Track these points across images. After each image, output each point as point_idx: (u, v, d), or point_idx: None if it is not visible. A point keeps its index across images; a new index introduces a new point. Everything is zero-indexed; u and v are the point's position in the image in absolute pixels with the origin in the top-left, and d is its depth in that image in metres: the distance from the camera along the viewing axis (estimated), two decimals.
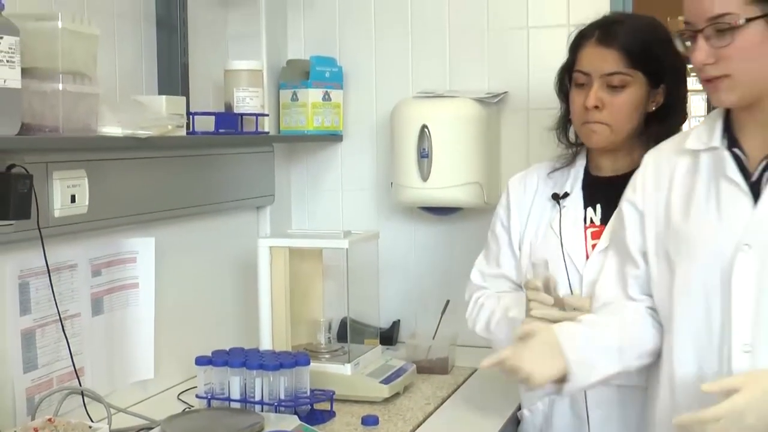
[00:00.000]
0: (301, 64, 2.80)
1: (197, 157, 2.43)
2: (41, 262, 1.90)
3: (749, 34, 1.57)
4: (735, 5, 1.57)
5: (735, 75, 1.61)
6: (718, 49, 1.60)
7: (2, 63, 1.61)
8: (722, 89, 1.63)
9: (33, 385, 1.93)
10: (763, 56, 1.60)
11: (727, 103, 1.67)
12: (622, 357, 1.78)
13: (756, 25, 1.57)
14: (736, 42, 1.58)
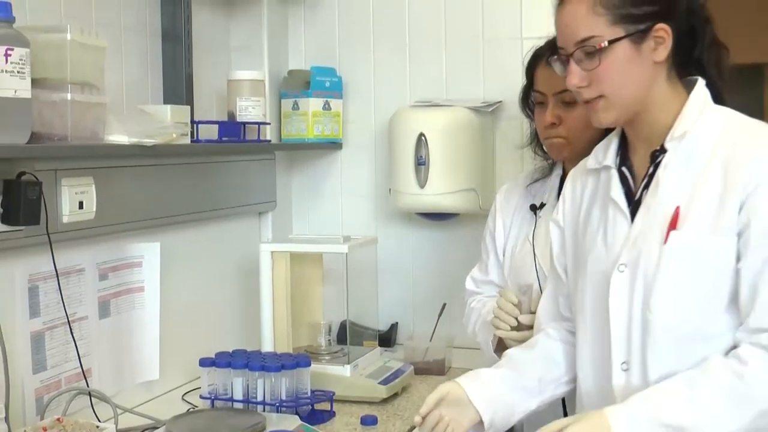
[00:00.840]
0: (301, 74, 2.82)
1: (201, 165, 2.45)
2: (50, 267, 1.92)
3: (616, 55, 1.57)
4: (599, 28, 1.57)
5: (608, 95, 1.60)
6: (590, 72, 1.59)
7: (13, 74, 1.63)
8: (599, 109, 1.62)
9: (42, 386, 1.94)
10: (633, 75, 1.59)
11: (605, 122, 1.65)
12: (543, 390, 1.77)
13: (621, 45, 1.57)
14: (604, 63, 1.58)
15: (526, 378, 1.76)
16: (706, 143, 1.59)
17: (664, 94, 1.63)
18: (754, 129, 1.61)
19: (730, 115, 1.64)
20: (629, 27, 1.57)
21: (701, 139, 1.59)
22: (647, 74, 1.60)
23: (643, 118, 1.64)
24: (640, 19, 1.57)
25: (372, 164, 2.89)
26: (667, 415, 1.47)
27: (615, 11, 1.57)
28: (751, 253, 1.49)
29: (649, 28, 1.58)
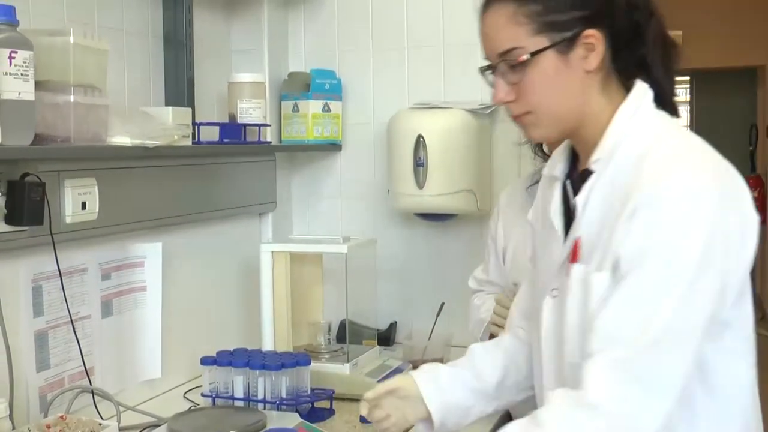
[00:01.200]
0: (301, 77, 2.83)
1: (202, 166, 2.46)
2: (53, 267, 1.93)
3: (541, 67, 1.42)
4: (521, 38, 1.42)
5: (536, 110, 1.46)
6: (516, 85, 1.44)
7: (17, 76, 1.63)
8: (528, 125, 1.49)
9: (46, 384, 1.95)
10: (561, 87, 1.44)
11: (537, 138, 1.55)
12: (500, 396, 1.71)
13: (546, 56, 1.42)
14: (528, 76, 1.43)
15: (484, 381, 1.70)
16: (625, 169, 1.42)
17: (599, 107, 1.47)
18: (664, 156, 1.40)
19: (659, 131, 1.46)
20: (554, 36, 1.42)
21: (624, 161, 1.43)
22: (578, 86, 1.45)
23: (580, 133, 1.50)
24: (567, 26, 1.42)
25: (371, 165, 2.90)
26: None
27: (537, 19, 1.42)
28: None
29: (577, 36, 1.42)
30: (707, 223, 1.33)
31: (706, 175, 1.37)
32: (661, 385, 1.32)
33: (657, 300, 1.32)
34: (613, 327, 1.34)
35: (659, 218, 1.33)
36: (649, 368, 1.31)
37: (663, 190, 1.34)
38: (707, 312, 1.34)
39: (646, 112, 1.47)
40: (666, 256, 1.32)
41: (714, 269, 1.33)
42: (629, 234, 1.35)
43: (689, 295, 1.32)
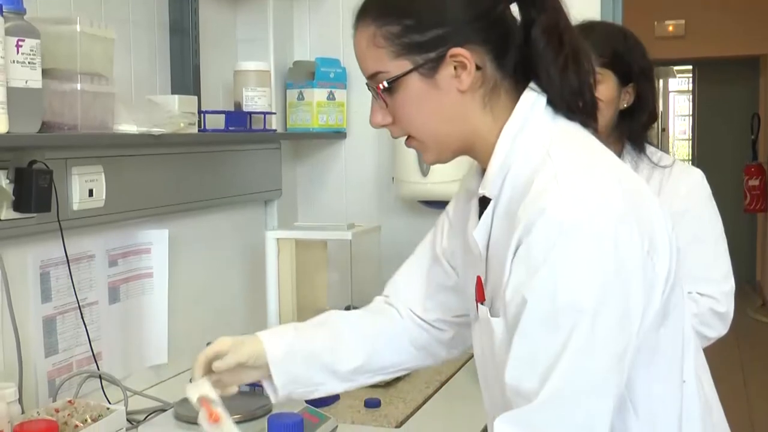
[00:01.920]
0: (306, 65, 2.84)
1: (208, 154, 2.47)
2: (61, 253, 1.94)
3: (408, 91, 1.32)
4: (384, 62, 1.32)
5: (415, 134, 1.36)
6: (390, 108, 1.35)
7: (24, 64, 1.64)
8: (418, 149, 1.39)
9: (54, 369, 1.96)
10: (434, 111, 1.33)
11: (431, 162, 1.41)
12: (355, 379, 1.59)
13: (411, 80, 1.31)
14: (397, 101, 1.33)
15: (341, 365, 1.56)
16: (516, 193, 1.28)
17: (485, 126, 1.34)
18: (544, 182, 1.24)
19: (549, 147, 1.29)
20: (416, 58, 1.30)
21: (514, 188, 1.30)
22: (454, 108, 1.33)
23: (475, 154, 1.39)
24: (429, 46, 1.30)
25: (375, 153, 2.92)
26: None
27: (396, 41, 1.31)
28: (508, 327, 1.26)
29: (443, 55, 1.30)
30: (587, 258, 1.19)
31: (583, 202, 1.21)
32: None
33: (551, 353, 1.19)
34: (514, 381, 1.23)
35: (532, 259, 1.20)
36: (552, 424, 1.21)
37: (536, 225, 1.20)
38: (612, 352, 1.21)
39: (536, 126, 1.33)
40: (545, 307, 1.20)
41: (610, 306, 1.20)
42: (510, 277, 1.24)
43: (584, 344, 1.19)
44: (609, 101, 2.04)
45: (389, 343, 1.61)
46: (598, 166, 1.29)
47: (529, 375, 1.21)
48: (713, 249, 2.06)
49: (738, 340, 6.15)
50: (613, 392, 1.22)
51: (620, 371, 1.23)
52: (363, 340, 1.60)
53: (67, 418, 1.72)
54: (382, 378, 1.63)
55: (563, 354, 1.19)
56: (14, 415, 1.68)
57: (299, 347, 1.55)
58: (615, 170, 1.30)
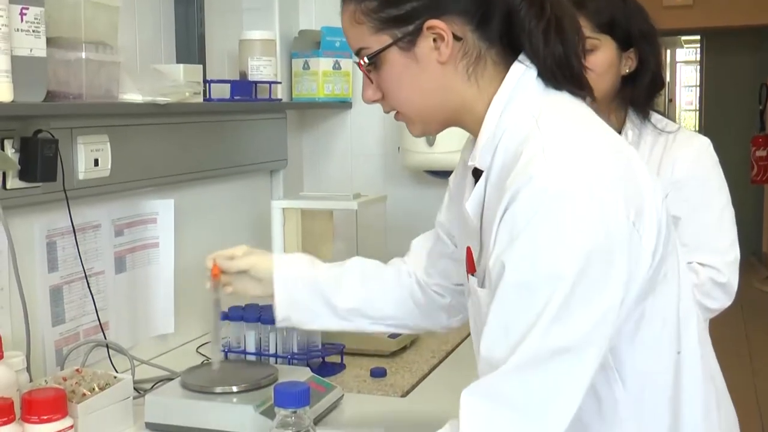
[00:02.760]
0: (312, 35, 2.84)
1: (214, 123, 2.46)
2: (67, 223, 1.94)
3: (389, 66, 1.33)
4: (366, 38, 1.34)
5: (401, 108, 1.38)
6: (375, 84, 1.37)
7: (28, 32, 1.64)
8: (404, 122, 1.42)
9: (61, 338, 1.97)
10: (415, 84, 1.34)
11: (418, 134, 1.43)
12: (353, 321, 1.67)
13: (391, 54, 1.32)
14: (381, 76, 1.35)
15: (345, 302, 1.65)
16: (506, 164, 1.28)
17: (471, 97, 1.34)
18: (532, 151, 1.23)
19: (538, 117, 1.28)
20: (395, 32, 1.31)
21: (504, 158, 1.29)
22: (435, 81, 1.33)
23: (464, 126, 1.39)
24: (406, 19, 1.31)
25: (381, 123, 2.91)
26: None
27: (374, 16, 1.32)
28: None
29: (420, 28, 1.30)
30: (570, 227, 1.17)
31: (571, 171, 1.20)
32: (536, 408, 1.19)
33: (524, 321, 1.18)
34: (486, 351, 1.22)
35: (515, 227, 1.19)
36: (518, 392, 1.19)
37: (521, 194, 1.19)
38: (591, 319, 1.19)
39: (527, 95, 1.32)
40: (524, 274, 1.18)
41: (592, 274, 1.18)
42: (494, 246, 1.23)
43: (559, 311, 1.17)
44: (609, 67, 2.03)
45: (390, 292, 1.67)
46: (587, 136, 1.28)
47: (501, 344, 1.19)
48: (718, 217, 2.04)
49: (743, 311, 6.16)
50: (588, 362, 1.20)
51: (598, 341, 1.20)
52: (365, 282, 1.67)
53: (75, 387, 1.73)
54: (381, 328, 1.70)
55: (537, 322, 1.17)
56: (22, 383, 1.69)
57: (306, 275, 1.66)
58: (604, 140, 1.30)
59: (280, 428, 1.40)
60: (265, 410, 1.69)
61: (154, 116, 2.16)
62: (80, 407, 1.65)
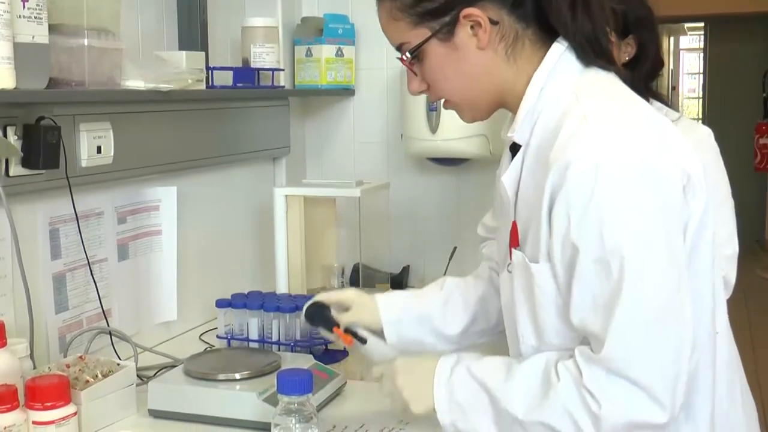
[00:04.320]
0: (314, 22, 2.83)
1: (216, 110, 2.46)
2: (70, 210, 1.94)
3: (431, 58, 1.38)
4: (405, 34, 1.39)
5: (448, 97, 1.43)
6: (420, 76, 1.42)
7: (30, 19, 1.63)
8: (455, 110, 1.46)
9: (64, 325, 1.97)
10: (458, 73, 1.38)
11: (469, 120, 1.48)
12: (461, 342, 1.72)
13: (431, 46, 1.37)
14: (424, 67, 1.40)
15: (449, 328, 1.72)
16: (547, 138, 1.32)
17: (511, 78, 1.39)
18: (575, 125, 1.28)
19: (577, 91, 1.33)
20: (433, 24, 1.36)
21: (544, 133, 1.33)
22: (476, 65, 1.38)
23: (506, 106, 1.44)
24: (442, 11, 1.36)
25: (384, 110, 2.91)
26: (480, 373, 1.38)
27: (411, 12, 1.37)
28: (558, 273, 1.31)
29: (456, 18, 1.35)
30: (626, 200, 1.23)
31: (612, 142, 1.25)
32: (649, 374, 1.25)
33: (607, 296, 1.24)
34: (581, 324, 1.29)
35: (573, 206, 1.24)
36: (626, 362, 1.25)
37: (570, 170, 1.24)
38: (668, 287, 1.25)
39: (567, 73, 1.36)
40: (596, 245, 1.24)
41: (656, 244, 1.24)
42: (553, 226, 1.28)
43: (640, 280, 1.23)
44: None
45: (490, 304, 1.71)
46: (629, 108, 1.33)
47: (593, 318, 1.26)
48: (717, 210, 2.02)
49: (746, 299, 6.15)
50: (683, 322, 1.26)
51: (680, 304, 1.26)
52: (467, 305, 1.73)
53: (78, 374, 1.73)
54: (487, 339, 1.74)
55: (620, 295, 1.23)
56: (26, 370, 1.69)
57: (412, 312, 1.71)
58: (643, 112, 1.34)
59: (283, 415, 1.40)
60: (268, 397, 1.69)
61: (157, 103, 2.16)
62: (83, 394, 1.66)
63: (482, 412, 1.36)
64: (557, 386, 1.30)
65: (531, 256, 1.35)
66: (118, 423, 1.74)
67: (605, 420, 1.26)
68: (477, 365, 1.40)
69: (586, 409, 1.27)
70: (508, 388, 1.34)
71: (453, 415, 1.39)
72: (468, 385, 1.39)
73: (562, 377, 1.30)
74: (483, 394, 1.36)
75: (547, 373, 1.32)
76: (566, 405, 1.28)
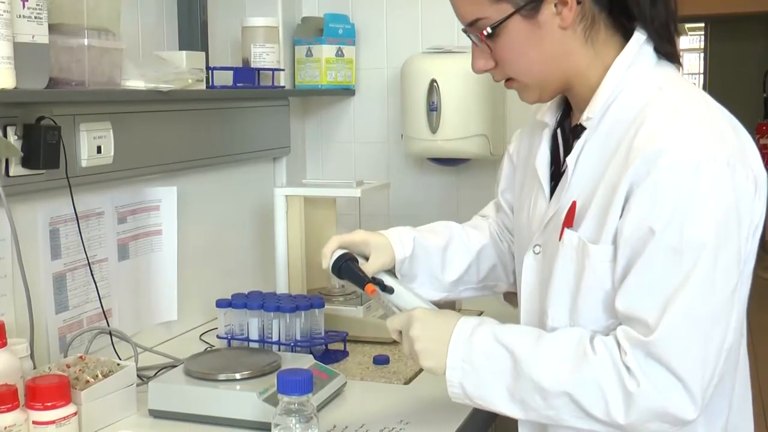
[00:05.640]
0: (315, 21, 2.83)
1: (216, 110, 2.46)
2: (70, 210, 1.94)
3: (510, 35, 1.35)
4: (484, 8, 1.35)
5: (517, 76, 1.40)
6: (493, 53, 1.39)
7: (30, 19, 1.63)
8: (517, 90, 1.44)
9: (65, 325, 1.97)
10: (537, 51, 1.37)
11: (531, 101, 1.46)
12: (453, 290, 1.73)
13: (513, 22, 1.34)
14: (500, 45, 1.36)
15: (445, 275, 1.71)
16: (622, 125, 1.34)
17: (586, 60, 1.39)
18: (664, 115, 1.30)
19: (661, 83, 1.36)
20: (517, 0, 1.33)
21: (621, 116, 1.35)
22: (556, 46, 1.36)
23: (573, 89, 1.43)
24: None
25: (384, 110, 2.91)
26: (507, 337, 1.37)
27: None
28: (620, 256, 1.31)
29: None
30: (713, 194, 1.25)
31: (706, 138, 1.28)
32: (691, 370, 1.25)
33: (672, 283, 1.25)
34: (626, 308, 1.29)
35: (662, 196, 1.26)
36: (673, 353, 1.25)
37: (663, 161, 1.25)
38: (730, 287, 1.28)
39: (646, 64, 1.38)
40: (674, 237, 1.25)
41: (730, 243, 1.27)
42: (630, 209, 1.28)
43: (708, 278, 1.25)
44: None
45: (483, 259, 1.73)
46: (710, 106, 1.35)
47: (647, 302, 1.26)
48: None
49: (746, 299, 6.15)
50: (731, 325, 1.28)
51: (733, 306, 1.29)
52: (467, 254, 1.72)
53: (79, 374, 1.74)
54: (470, 294, 1.76)
55: (685, 286, 1.24)
56: (26, 370, 1.69)
57: (418, 250, 1.68)
58: (721, 112, 1.36)
59: (283, 415, 1.40)
60: (268, 397, 1.69)
61: (157, 103, 2.16)
62: (84, 394, 1.66)
63: (498, 376, 1.35)
64: (593, 359, 1.29)
65: (589, 237, 1.35)
66: (118, 423, 1.74)
67: (638, 401, 1.26)
68: (502, 329, 1.40)
69: (621, 386, 1.27)
70: (536, 354, 1.33)
71: (464, 375, 1.38)
72: (489, 346, 1.37)
73: (599, 351, 1.29)
74: (505, 358, 1.35)
75: (583, 346, 1.31)
76: (599, 379, 1.28)
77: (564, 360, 1.31)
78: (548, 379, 1.31)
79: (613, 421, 1.28)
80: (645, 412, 1.26)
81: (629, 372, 1.26)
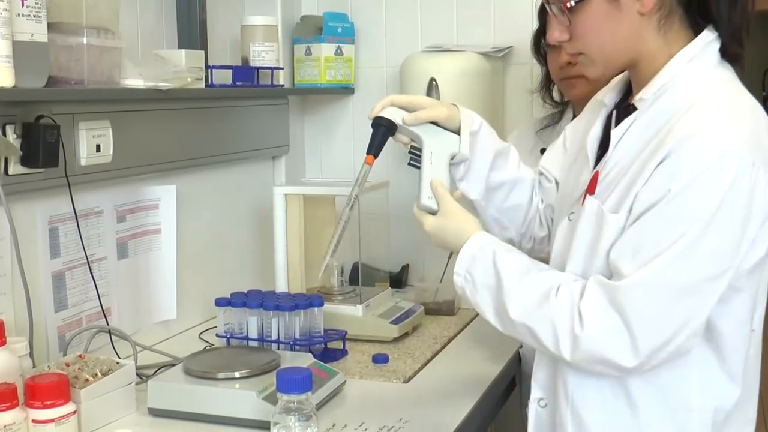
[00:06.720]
0: (314, 20, 2.82)
1: (215, 109, 2.46)
2: (69, 209, 1.94)
3: (590, 12, 1.43)
4: None
5: (588, 52, 1.47)
6: (569, 26, 1.46)
7: (29, 17, 1.63)
8: (583, 64, 1.52)
9: (64, 324, 1.98)
10: (612, 31, 1.43)
11: (596, 76, 1.54)
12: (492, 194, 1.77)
13: (598, 1, 1.42)
14: (580, 19, 1.43)
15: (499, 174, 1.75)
16: (670, 112, 1.42)
17: (655, 46, 1.45)
18: (706, 109, 1.38)
19: (714, 82, 1.43)
20: None
21: (670, 105, 1.43)
22: (631, 29, 1.44)
23: (635, 70, 1.51)
24: None
25: None
26: (502, 262, 1.50)
27: None
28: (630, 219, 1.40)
29: None
30: (728, 184, 1.31)
31: (740, 136, 1.35)
32: (643, 325, 1.35)
33: (658, 246, 1.34)
34: (614, 258, 1.39)
35: (680, 171, 1.33)
36: (632, 306, 1.35)
37: (692, 144, 1.33)
38: (712, 273, 1.34)
39: (707, 61, 1.45)
40: (676, 208, 1.33)
41: (726, 233, 1.33)
42: (651, 180, 1.37)
43: (689, 251, 1.32)
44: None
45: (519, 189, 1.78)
46: (755, 111, 1.43)
47: (629, 258, 1.36)
48: None
49: None
50: (703, 311, 1.36)
51: (711, 292, 1.35)
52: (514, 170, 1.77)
53: (78, 372, 1.74)
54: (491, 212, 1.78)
55: (666, 251, 1.33)
56: (26, 368, 1.70)
57: (482, 139, 1.73)
58: (764, 117, 1.44)
59: (282, 414, 1.40)
60: (268, 396, 1.69)
61: (156, 102, 2.16)
62: (83, 393, 1.66)
63: (488, 295, 1.50)
64: (553, 301, 1.41)
65: (611, 206, 1.43)
66: (117, 421, 1.75)
67: (582, 343, 1.38)
68: (503, 255, 1.51)
69: (570, 328, 1.39)
70: (515, 288, 1.47)
71: (466, 283, 1.54)
72: (486, 267, 1.51)
73: (561, 295, 1.41)
74: (494, 281, 1.49)
75: (553, 289, 1.43)
76: (554, 319, 1.41)
77: (532, 298, 1.44)
78: (515, 310, 1.45)
79: (561, 356, 1.41)
80: (587, 354, 1.38)
81: (580, 317, 1.37)
